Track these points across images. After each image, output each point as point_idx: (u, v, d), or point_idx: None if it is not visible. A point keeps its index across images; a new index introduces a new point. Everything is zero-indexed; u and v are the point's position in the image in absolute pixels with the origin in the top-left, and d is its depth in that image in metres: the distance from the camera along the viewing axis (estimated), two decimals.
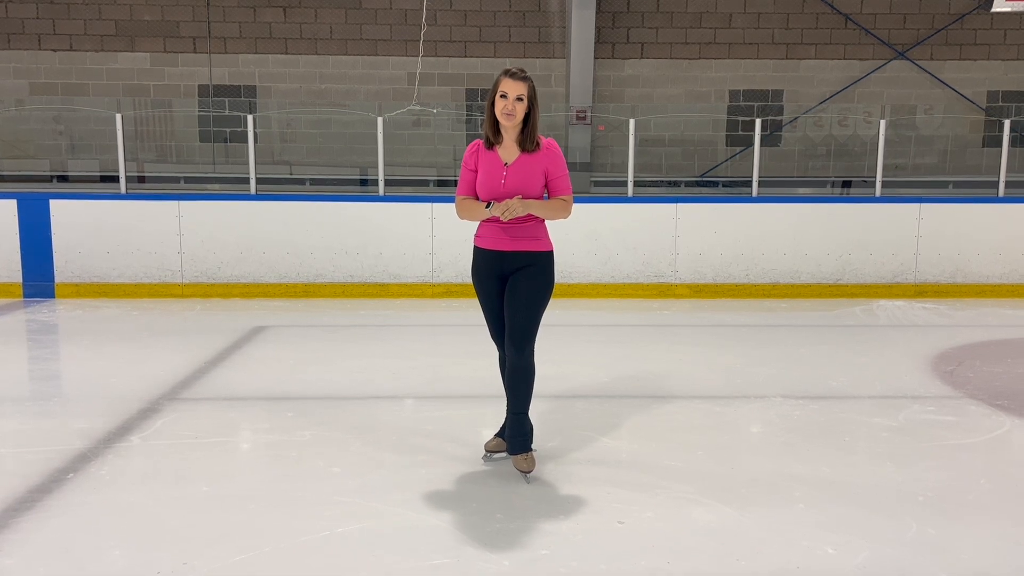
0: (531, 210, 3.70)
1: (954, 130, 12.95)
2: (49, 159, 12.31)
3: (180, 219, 8.65)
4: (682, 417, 4.83)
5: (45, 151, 12.19)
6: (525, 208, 3.67)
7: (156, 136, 12.33)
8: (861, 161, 12.55)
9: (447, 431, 4.51)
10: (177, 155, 12.44)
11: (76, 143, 12.12)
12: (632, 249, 8.90)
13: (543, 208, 3.75)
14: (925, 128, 12.89)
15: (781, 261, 8.98)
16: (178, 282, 8.70)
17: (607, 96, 12.89)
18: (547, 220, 3.82)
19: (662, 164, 12.45)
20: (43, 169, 12.25)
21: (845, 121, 12.72)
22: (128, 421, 4.66)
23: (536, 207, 3.72)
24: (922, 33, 12.86)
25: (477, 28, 12.79)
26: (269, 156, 12.34)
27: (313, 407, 4.96)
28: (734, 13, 12.79)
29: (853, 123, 12.93)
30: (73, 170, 12.25)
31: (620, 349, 6.60)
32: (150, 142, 12.27)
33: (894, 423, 4.70)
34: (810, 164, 12.64)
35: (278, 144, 12.48)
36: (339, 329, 7.34)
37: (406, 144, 12.20)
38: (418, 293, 8.82)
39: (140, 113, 12.04)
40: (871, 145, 12.60)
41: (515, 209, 3.64)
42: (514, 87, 3.69)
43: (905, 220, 9.00)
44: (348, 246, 8.76)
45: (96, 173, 12.17)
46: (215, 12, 12.45)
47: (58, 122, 12.29)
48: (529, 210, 3.69)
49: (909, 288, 9.01)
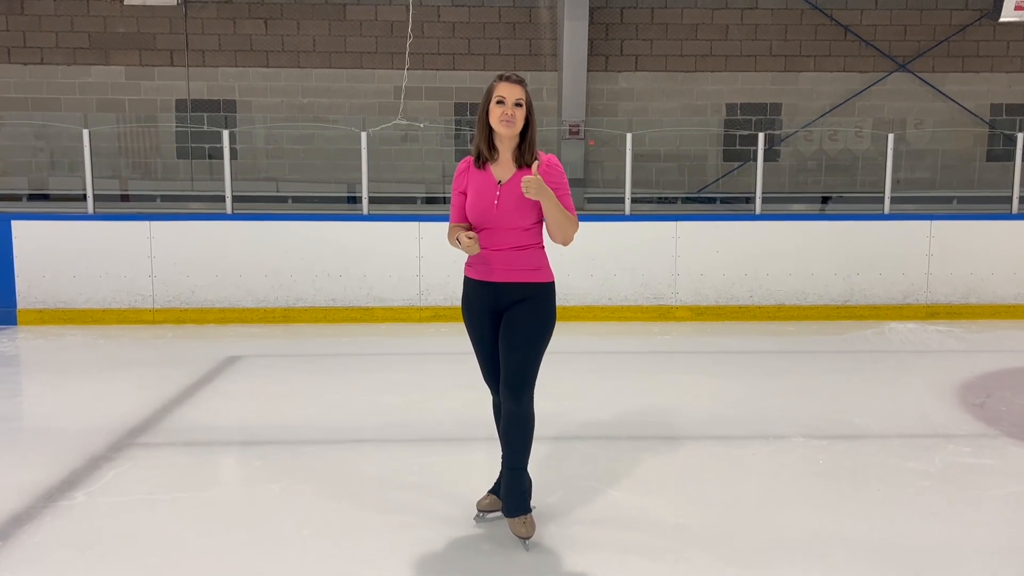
0: (546, 201, 3.23)
1: (957, 144, 12.60)
2: (27, 176, 11.80)
3: (151, 240, 8.16)
4: (693, 462, 4.36)
5: (18, 168, 11.67)
6: (540, 190, 3.20)
7: (130, 153, 11.84)
8: (855, 176, 12.18)
9: (434, 483, 4.02)
10: (153, 172, 11.96)
11: (54, 160, 11.62)
12: (630, 270, 8.45)
13: (558, 209, 3.27)
14: (917, 142, 12.55)
15: (787, 282, 8.54)
16: (149, 307, 8.20)
17: (600, 110, 12.50)
18: (553, 228, 3.33)
19: (656, 179, 12.05)
20: (21, 187, 11.74)
21: (835, 136, 12.36)
22: (76, 472, 4.16)
23: (553, 202, 3.26)
24: (923, 45, 12.54)
25: (466, 40, 12.40)
26: (251, 172, 11.89)
27: (284, 454, 4.47)
28: (731, 25, 12.45)
29: (844, 137, 12.56)
30: (54, 188, 11.76)
31: (621, 380, 6.14)
32: (124, 159, 11.78)
33: (931, 468, 4.24)
34: (810, 179, 12.25)
35: (257, 160, 12.03)
36: (318, 359, 6.85)
37: (393, 160, 11.78)
38: (404, 317, 8.35)
39: (113, 128, 11.54)
40: (863, 160, 12.28)
41: (531, 186, 3.18)
42: (512, 91, 3.25)
43: (915, 238, 8.59)
44: (330, 268, 8.29)
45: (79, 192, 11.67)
46: (193, 24, 12.02)
47: (38, 138, 11.80)
48: (544, 198, 3.22)
49: (920, 309, 8.59)
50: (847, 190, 11.90)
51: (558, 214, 3.27)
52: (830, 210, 11.61)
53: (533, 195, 3.18)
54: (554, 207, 3.26)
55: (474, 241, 3.22)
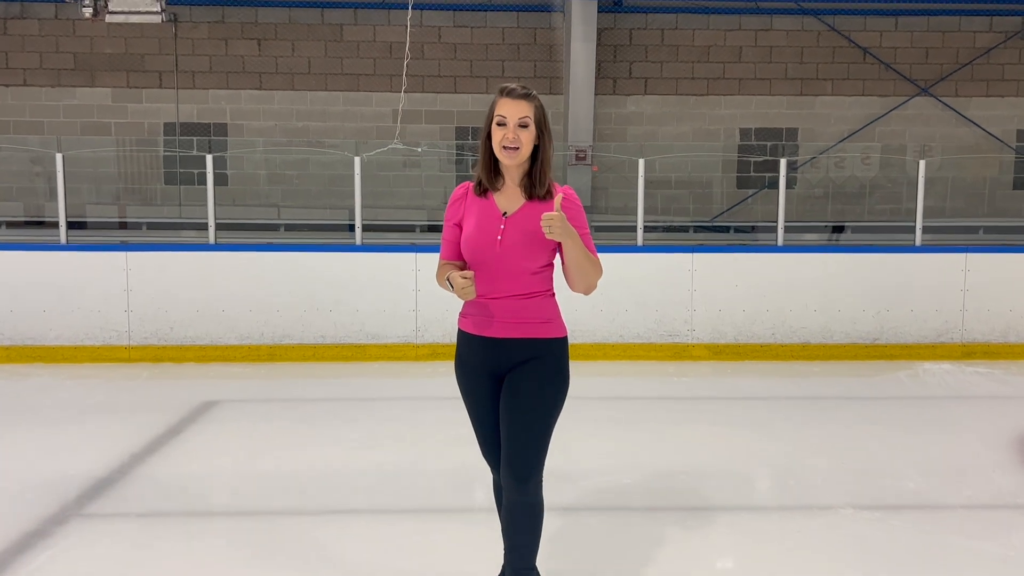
0: (570, 243, 2.64)
1: (981, 170, 12.06)
2: (23, 202, 11.28)
3: (128, 272, 7.59)
4: (729, 541, 3.73)
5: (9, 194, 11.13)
6: (565, 231, 2.60)
7: (113, 179, 11.33)
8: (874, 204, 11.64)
9: (431, 566, 3.40)
10: (151, 199, 11.44)
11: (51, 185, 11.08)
12: (643, 305, 7.85)
13: (582, 252, 2.68)
14: (941, 169, 11.99)
15: (812, 318, 7.94)
16: (125, 344, 7.62)
17: (608, 135, 12.02)
18: (575, 275, 2.75)
19: (666, 207, 11.55)
20: (16, 213, 11.21)
21: (868, 160, 11.84)
22: (5, 553, 3.53)
23: (578, 244, 2.67)
24: (946, 68, 12.06)
25: (468, 62, 11.95)
26: (244, 199, 11.37)
27: (252, 528, 3.84)
28: (744, 46, 12.01)
29: (863, 163, 12.04)
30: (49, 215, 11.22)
31: (637, 432, 5.51)
32: (108, 184, 11.27)
33: (1008, 551, 3.61)
34: (827, 207, 11.71)
35: (248, 187, 11.51)
36: (303, 405, 6.23)
37: (391, 186, 11.27)
38: (400, 355, 7.75)
39: (93, 154, 11.01)
40: (884, 187, 11.76)
41: (555, 225, 2.58)
42: (515, 108, 2.65)
43: (949, 271, 8.00)
44: (320, 302, 7.70)
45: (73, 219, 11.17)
46: (183, 44, 11.58)
47: (35, 163, 11.28)
48: (568, 239, 2.63)
49: (955, 349, 7.98)
50: (865, 219, 11.37)
51: (582, 258, 2.67)
52: (848, 240, 11.04)
53: (558, 236, 2.58)
54: (578, 250, 2.66)
55: (469, 282, 2.61)
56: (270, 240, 10.19)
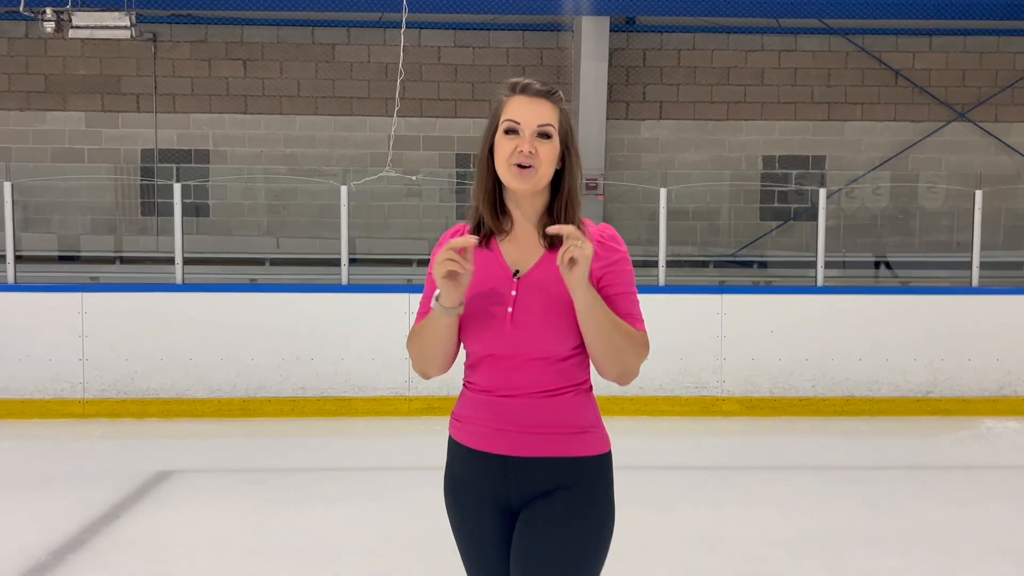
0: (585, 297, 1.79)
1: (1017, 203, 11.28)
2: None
3: (83, 316, 6.76)
4: None
5: None
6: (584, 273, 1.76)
7: (83, 209, 10.55)
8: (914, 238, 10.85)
9: None
10: (108, 229, 10.64)
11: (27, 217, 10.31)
12: (666, 352, 6.95)
13: (606, 317, 1.83)
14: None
15: (856, 369, 7.07)
16: (79, 398, 6.77)
17: (620, 162, 11.27)
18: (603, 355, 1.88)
19: (684, 239, 10.76)
20: None
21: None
22: None
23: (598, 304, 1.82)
24: (984, 92, 11.29)
25: (469, 85, 11.23)
26: (228, 230, 10.58)
27: None
28: (767, 68, 11.29)
29: (901, 193, 11.27)
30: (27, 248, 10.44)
31: (670, 517, 4.62)
32: (75, 216, 10.49)
33: None
34: (860, 241, 10.89)
35: (231, 217, 10.73)
36: (274, 476, 5.32)
37: (387, 217, 10.50)
38: (390, 410, 6.90)
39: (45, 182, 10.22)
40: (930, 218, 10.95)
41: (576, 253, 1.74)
42: (533, 111, 1.80)
43: (1010, 315, 7.19)
44: (300, 350, 6.86)
45: (54, 252, 10.42)
46: (162, 65, 10.83)
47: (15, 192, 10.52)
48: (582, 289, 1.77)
49: (1020, 403, 7.12)
50: (910, 252, 10.57)
51: (609, 326, 1.80)
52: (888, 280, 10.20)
53: (575, 277, 1.71)
54: (600, 313, 1.79)
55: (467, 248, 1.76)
56: (255, 276, 9.42)
